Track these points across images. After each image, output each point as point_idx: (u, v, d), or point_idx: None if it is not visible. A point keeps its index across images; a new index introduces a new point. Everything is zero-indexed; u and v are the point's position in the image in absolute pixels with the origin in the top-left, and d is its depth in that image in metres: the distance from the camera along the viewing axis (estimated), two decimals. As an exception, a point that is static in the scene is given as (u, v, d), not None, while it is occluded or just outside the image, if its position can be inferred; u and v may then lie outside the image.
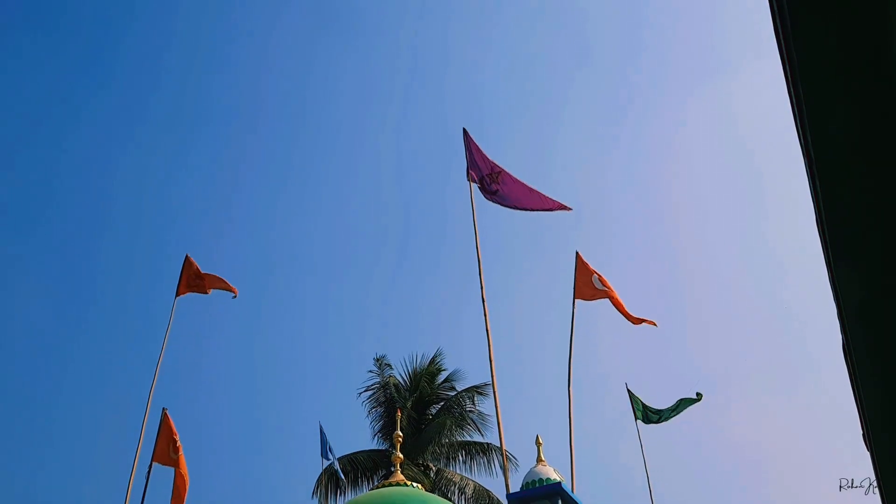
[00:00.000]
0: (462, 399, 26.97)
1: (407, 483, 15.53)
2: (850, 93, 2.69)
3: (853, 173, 2.88)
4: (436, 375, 27.64)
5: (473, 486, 25.28)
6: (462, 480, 25.47)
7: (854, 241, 3.01)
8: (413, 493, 14.97)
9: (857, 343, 3.38)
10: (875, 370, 3.46)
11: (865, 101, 2.72)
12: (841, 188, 2.90)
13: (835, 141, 2.79)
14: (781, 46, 2.61)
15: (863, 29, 2.49)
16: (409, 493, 14.80)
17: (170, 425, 16.68)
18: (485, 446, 26.06)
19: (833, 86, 2.65)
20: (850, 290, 3.22)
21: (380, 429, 26.95)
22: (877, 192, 2.92)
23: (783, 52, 2.63)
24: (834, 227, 2.88)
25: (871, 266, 3.16)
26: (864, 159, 2.86)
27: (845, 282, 3.19)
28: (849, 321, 3.33)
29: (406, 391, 27.22)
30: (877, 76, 2.61)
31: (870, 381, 3.51)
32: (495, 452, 25.56)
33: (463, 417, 26.30)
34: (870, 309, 3.28)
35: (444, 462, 25.93)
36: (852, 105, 2.73)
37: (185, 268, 19.11)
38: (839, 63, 2.56)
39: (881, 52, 2.52)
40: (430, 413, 27.23)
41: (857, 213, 2.97)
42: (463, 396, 27.01)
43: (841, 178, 2.87)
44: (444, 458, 25.84)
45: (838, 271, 3.04)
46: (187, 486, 16.47)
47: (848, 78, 2.65)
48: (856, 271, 3.16)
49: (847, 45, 2.52)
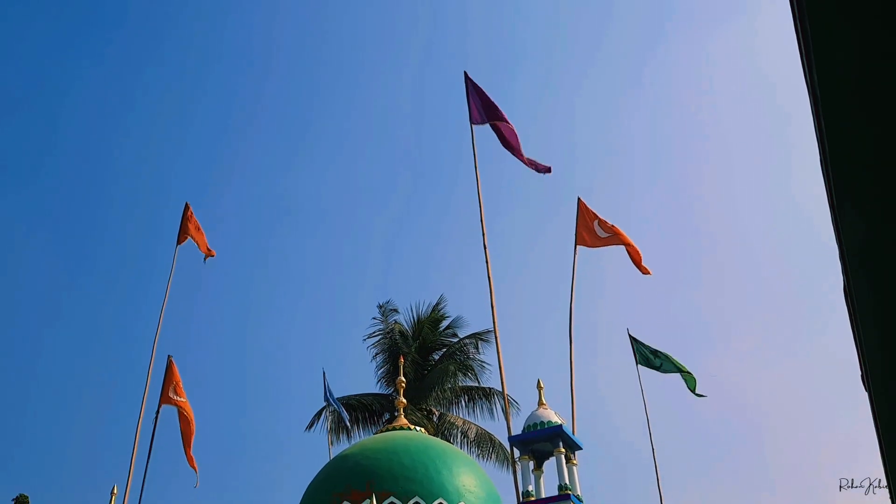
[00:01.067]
0: (464, 345, 27.24)
1: (410, 427, 15.81)
2: (857, 29, 2.62)
3: (859, 113, 2.83)
4: (438, 322, 27.86)
5: (476, 430, 25.72)
6: (465, 424, 25.90)
7: (859, 183, 2.97)
8: (416, 436, 15.25)
9: (858, 285, 3.37)
10: (875, 312, 3.46)
11: (872, 39, 2.65)
12: (846, 128, 2.85)
13: (841, 79, 2.73)
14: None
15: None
16: (413, 437, 15.08)
17: (174, 372, 16.95)
18: (487, 391, 26.41)
19: (839, 22, 2.58)
20: (853, 232, 3.20)
21: (383, 374, 27.32)
22: (884, 132, 2.87)
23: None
24: (838, 168, 2.84)
25: (877, 208, 3.13)
26: (871, 99, 2.81)
27: (849, 223, 3.16)
28: (851, 263, 3.31)
29: (409, 337, 27.48)
30: (884, 13, 2.54)
31: (870, 324, 3.51)
32: (497, 397, 25.92)
33: (465, 363, 26.59)
34: (873, 251, 3.26)
35: (446, 407, 26.32)
36: (859, 43, 2.66)
37: (186, 216, 19.11)
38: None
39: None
40: (433, 359, 27.54)
41: (863, 153, 2.93)
42: (465, 343, 27.27)
43: (847, 118, 2.82)
44: (447, 402, 26.23)
45: (842, 213, 3.00)
46: (193, 426, 16.78)
47: (855, 14, 2.58)
48: (860, 213, 3.13)
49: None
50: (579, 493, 10.75)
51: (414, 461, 13.76)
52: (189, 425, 16.67)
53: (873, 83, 2.76)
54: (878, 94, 2.79)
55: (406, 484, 13.23)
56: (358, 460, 14.16)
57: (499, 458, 25.05)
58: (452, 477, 13.64)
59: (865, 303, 3.41)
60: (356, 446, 15.44)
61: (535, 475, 11.11)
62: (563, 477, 10.65)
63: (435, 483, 13.36)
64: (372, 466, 13.70)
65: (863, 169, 2.90)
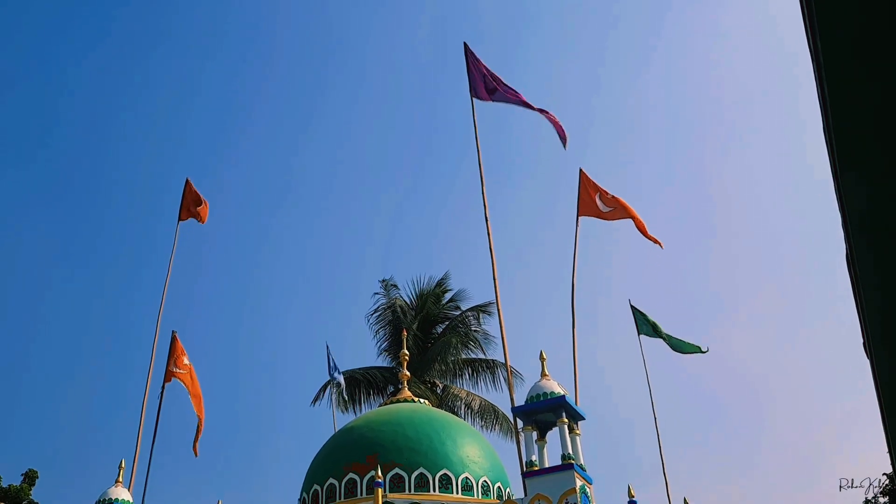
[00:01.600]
0: (467, 318, 27.34)
1: (414, 399, 15.95)
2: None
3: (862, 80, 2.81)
4: (441, 296, 27.94)
5: (480, 402, 25.90)
6: (468, 396, 26.09)
7: (862, 150, 2.96)
8: (420, 408, 15.38)
9: (860, 252, 3.37)
10: (877, 279, 3.46)
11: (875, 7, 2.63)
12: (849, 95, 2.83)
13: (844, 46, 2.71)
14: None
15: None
16: (417, 409, 15.21)
17: (178, 347, 17.05)
18: (490, 363, 26.56)
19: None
20: (855, 199, 3.19)
21: (386, 348, 27.47)
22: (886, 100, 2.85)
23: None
24: (841, 135, 2.83)
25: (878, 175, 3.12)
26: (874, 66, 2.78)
27: (851, 191, 3.15)
28: (853, 230, 3.31)
29: (412, 311, 27.58)
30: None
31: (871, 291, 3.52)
32: (500, 368, 26.08)
33: (468, 336, 26.71)
34: (875, 218, 3.25)
35: (450, 379, 26.49)
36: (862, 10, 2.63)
37: (187, 192, 19.07)
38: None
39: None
40: (436, 332, 27.66)
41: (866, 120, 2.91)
42: (468, 315, 27.36)
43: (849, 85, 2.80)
44: (451, 375, 26.39)
45: (844, 180, 3.00)
46: (200, 396, 16.93)
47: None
48: (863, 180, 3.12)
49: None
50: (582, 462, 10.86)
51: (418, 433, 13.89)
52: (195, 398, 16.78)
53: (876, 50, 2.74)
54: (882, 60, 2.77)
55: (410, 455, 13.38)
56: (363, 433, 14.30)
57: (502, 429, 25.26)
58: (456, 448, 13.78)
59: (867, 270, 3.42)
60: (361, 419, 15.57)
61: (538, 445, 11.22)
62: (566, 447, 10.75)
63: (439, 454, 13.51)
64: (377, 438, 13.84)
65: (866, 136, 2.89)
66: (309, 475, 14.45)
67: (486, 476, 13.59)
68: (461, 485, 13.22)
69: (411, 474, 13.13)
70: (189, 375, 16.87)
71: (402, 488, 13.01)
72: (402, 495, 12.85)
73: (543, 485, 10.42)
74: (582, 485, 10.45)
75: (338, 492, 13.42)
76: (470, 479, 13.37)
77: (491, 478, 13.68)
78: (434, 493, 12.99)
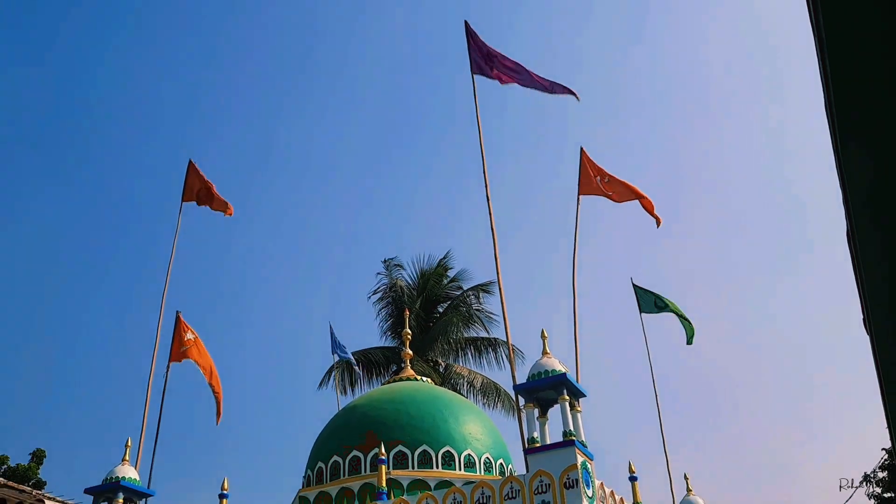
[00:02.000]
0: (468, 297, 27.39)
1: (417, 378, 16.01)
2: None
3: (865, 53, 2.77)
4: (443, 275, 27.97)
5: (482, 380, 26.02)
6: (470, 374, 26.20)
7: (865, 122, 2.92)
8: (423, 386, 15.44)
9: (862, 228, 3.34)
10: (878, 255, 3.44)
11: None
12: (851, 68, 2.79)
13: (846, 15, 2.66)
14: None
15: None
16: (420, 387, 15.27)
17: (183, 327, 17.06)
18: (492, 341, 26.64)
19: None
20: (858, 174, 3.16)
21: (388, 328, 27.56)
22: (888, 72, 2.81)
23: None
24: (843, 106, 2.79)
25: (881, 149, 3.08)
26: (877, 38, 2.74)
27: (853, 166, 3.12)
28: (855, 207, 3.28)
29: (414, 290, 27.62)
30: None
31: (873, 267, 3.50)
32: (502, 347, 26.15)
33: (469, 315, 26.77)
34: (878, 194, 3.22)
35: (452, 357, 26.60)
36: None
37: (190, 173, 18.93)
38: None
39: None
40: (438, 312, 27.72)
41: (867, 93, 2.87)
42: (469, 295, 27.41)
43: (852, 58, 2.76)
44: (453, 353, 26.49)
45: (846, 153, 2.96)
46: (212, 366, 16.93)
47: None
48: (865, 155, 3.09)
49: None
50: (583, 438, 10.91)
51: (421, 411, 13.96)
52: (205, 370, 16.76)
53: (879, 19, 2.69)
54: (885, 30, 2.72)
55: (413, 433, 13.46)
56: (366, 411, 14.37)
57: (504, 407, 25.40)
58: (459, 425, 13.86)
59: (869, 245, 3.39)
60: (364, 398, 15.64)
61: (539, 422, 11.26)
62: (567, 424, 10.79)
63: (442, 431, 13.59)
64: (380, 417, 13.91)
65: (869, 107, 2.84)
66: (313, 453, 14.55)
67: (488, 453, 13.68)
68: (464, 461, 13.31)
69: (414, 451, 13.21)
70: (196, 348, 16.85)
71: (405, 465, 13.10)
72: (405, 472, 12.94)
73: (545, 461, 10.48)
74: (583, 461, 10.50)
75: (342, 469, 13.51)
76: (472, 455, 13.46)
77: (493, 454, 13.77)
78: (437, 470, 13.09)
